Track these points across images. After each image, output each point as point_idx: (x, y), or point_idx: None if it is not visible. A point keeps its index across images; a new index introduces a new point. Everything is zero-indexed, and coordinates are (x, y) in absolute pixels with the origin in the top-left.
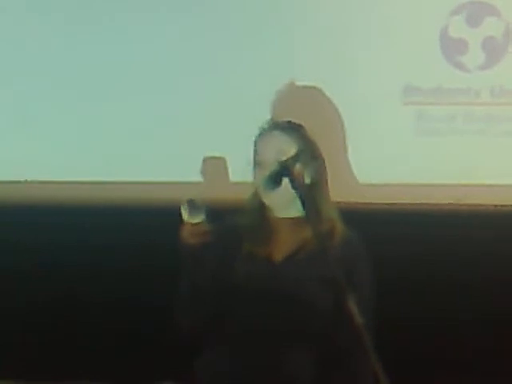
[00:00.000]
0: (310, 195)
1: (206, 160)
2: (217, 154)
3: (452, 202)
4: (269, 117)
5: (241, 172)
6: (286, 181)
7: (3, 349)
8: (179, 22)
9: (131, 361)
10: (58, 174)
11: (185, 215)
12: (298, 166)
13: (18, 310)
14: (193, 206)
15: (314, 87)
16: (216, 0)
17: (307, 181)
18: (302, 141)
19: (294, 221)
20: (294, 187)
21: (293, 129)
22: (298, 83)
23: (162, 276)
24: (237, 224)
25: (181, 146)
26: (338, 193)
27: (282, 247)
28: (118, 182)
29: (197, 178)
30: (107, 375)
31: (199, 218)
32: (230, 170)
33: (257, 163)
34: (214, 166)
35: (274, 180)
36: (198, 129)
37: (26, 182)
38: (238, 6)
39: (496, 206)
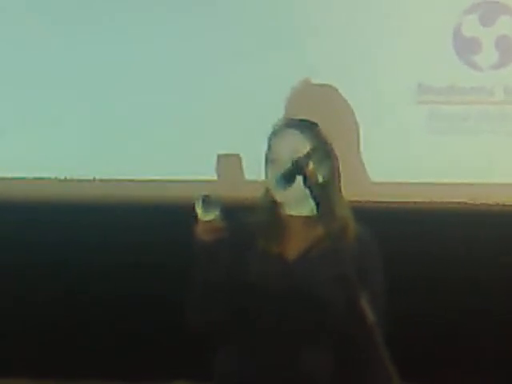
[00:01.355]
0: (323, 193)
1: (220, 157)
2: (231, 152)
3: (465, 201)
4: (282, 115)
5: (254, 170)
6: (298, 179)
7: (4, 348)
8: (188, 20)
9: (133, 360)
10: (66, 172)
11: (199, 211)
12: (311, 165)
13: (18, 308)
14: (207, 202)
15: (328, 85)
16: None
17: (320, 179)
18: (315, 139)
19: (306, 219)
20: (307, 185)
21: (306, 127)
22: (312, 81)
23: (176, 274)
24: (250, 222)
25: (195, 144)
26: (350, 191)
27: (295, 245)
28: (132, 180)
29: (211, 176)
30: (110, 374)
31: (213, 215)
32: (247, 167)
33: (270, 161)
34: (229, 163)
35: (288, 178)
36: (212, 127)
37: (27, 179)
38: (251, 2)
39: (509, 205)
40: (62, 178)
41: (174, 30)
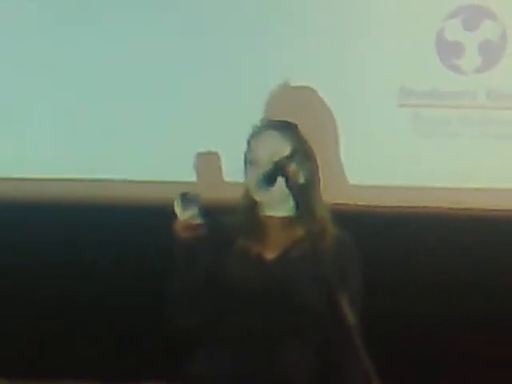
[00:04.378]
0: (304, 194)
1: (199, 156)
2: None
3: (446, 205)
4: (262, 116)
5: (234, 171)
6: (279, 180)
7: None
8: (175, 22)
9: (125, 361)
10: (56, 172)
11: (177, 209)
12: (292, 166)
13: (15, 309)
14: (185, 199)
15: (308, 88)
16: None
17: (301, 180)
18: (296, 140)
19: (286, 220)
20: (288, 186)
21: (287, 128)
22: (292, 83)
23: (155, 275)
24: (229, 222)
25: (175, 145)
26: (331, 194)
27: (274, 245)
28: (113, 180)
29: (191, 177)
30: (100, 375)
31: (192, 212)
32: (224, 168)
33: (250, 162)
34: (208, 162)
35: (269, 179)
36: (192, 128)
37: (23, 179)
38: (233, 5)
39: (491, 209)
40: (53, 177)
41: (157, 32)
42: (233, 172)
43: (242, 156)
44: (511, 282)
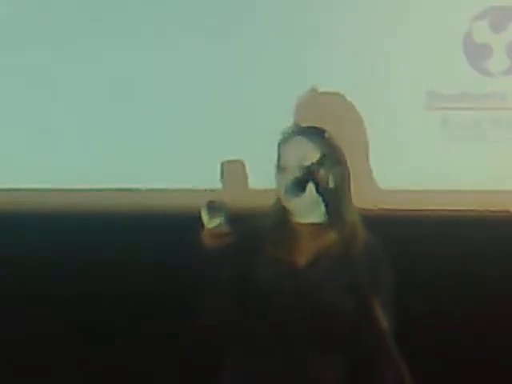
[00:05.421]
0: (334, 200)
1: (224, 164)
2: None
3: (477, 208)
4: (289, 122)
5: (261, 178)
6: (309, 186)
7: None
8: (192, 27)
9: (131, 365)
10: (79, 182)
11: (204, 218)
12: (322, 171)
13: (18, 314)
14: (212, 207)
15: (337, 93)
16: (238, 1)
17: (331, 185)
18: (325, 145)
19: (316, 226)
20: (318, 192)
21: (316, 134)
22: (321, 89)
23: (182, 281)
24: (259, 229)
25: (200, 152)
26: (360, 199)
27: (305, 252)
28: (138, 189)
29: (217, 184)
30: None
31: (219, 220)
32: (249, 176)
33: (280, 168)
34: (233, 169)
35: (299, 185)
36: (218, 135)
37: (29, 189)
38: (261, 9)
39: None
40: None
41: (178, 37)
42: (258, 179)
43: (267, 163)
44: None
